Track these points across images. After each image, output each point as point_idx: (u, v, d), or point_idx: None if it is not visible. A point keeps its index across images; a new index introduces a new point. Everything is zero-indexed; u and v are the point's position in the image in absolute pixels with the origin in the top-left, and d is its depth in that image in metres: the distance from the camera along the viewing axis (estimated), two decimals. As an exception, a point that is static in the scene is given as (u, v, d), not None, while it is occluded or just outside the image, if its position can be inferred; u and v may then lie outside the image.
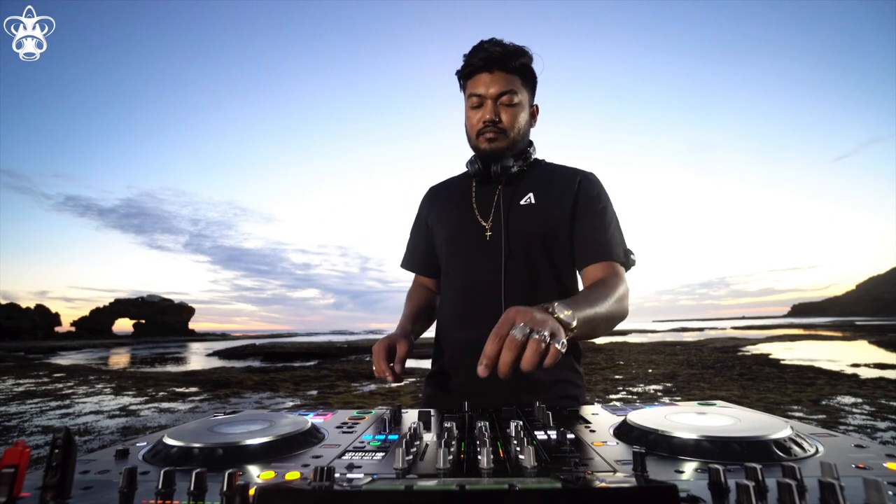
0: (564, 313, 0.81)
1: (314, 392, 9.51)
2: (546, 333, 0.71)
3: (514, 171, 1.20)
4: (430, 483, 0.41)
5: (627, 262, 1.18)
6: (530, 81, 1.22)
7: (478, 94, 1.17)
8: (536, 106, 1.27)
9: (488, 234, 1.20)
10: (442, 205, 1.35)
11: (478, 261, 1.20)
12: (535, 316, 0.74)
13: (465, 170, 1.32)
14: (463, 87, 1.24)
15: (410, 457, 0.59)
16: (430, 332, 1.38)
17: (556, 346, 0.71)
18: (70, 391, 10.30)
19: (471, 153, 1.28)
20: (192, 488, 0.44)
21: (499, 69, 1.15)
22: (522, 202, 1.21)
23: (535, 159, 1.29)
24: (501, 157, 1.19)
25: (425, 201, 1.42)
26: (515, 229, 1.19)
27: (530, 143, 1.27)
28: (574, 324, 0.81)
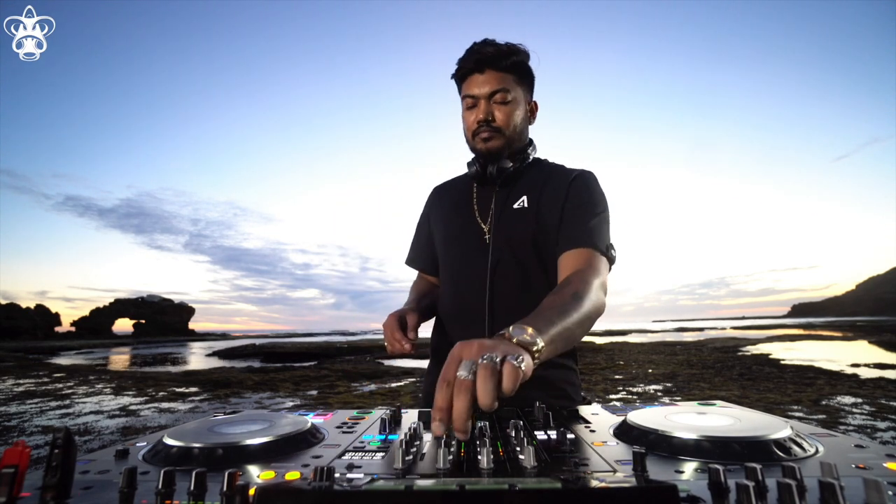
0: (524, 335, 0.69)
1: (314, 392, 9.51)
2: (495, 355, 0.59)
3: (510, 171, 1.20)
4: (430, 483, 0.41)
5: (608, 255, 1.10)
6: (526, 79, 1.21)
7: (471, 95, 1.17)
8: (535, 103, 1.25)
9: (487, 237, 1.20)
10: (444, 206, 1.35)
11: (473, 263, 1.20)
12: (484, 344, 0.63)
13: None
14: (459, 90, 1.24)
15: (410, 457, 0.59)
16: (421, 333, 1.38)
17: (512, 363, 0.59)
18: (70, 391, 10.30)
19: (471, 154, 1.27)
20: (192, 488, 0.44)
21: (490, 69, 1.15)
22: (515, 206, 1.21)
23: (536, 159, 1.28)
24: (499, 156, 1.19)
25: (429, 201, 1.43)
26: (506, 233, 1.19)
27: (530, 143, 1.26)
28: (539, 342, 0.70)
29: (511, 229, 1.18)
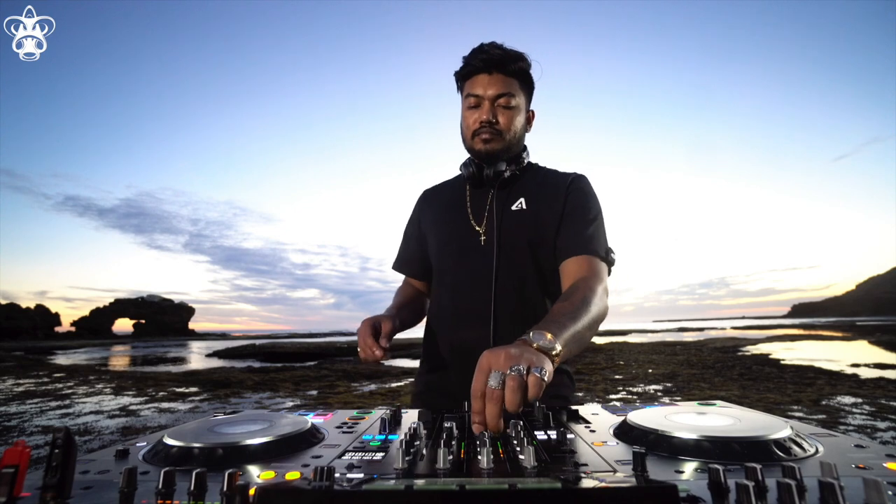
0: (544, 340, 0.76)
1: (314, 392, 9.51)
2: (521, 367, 0.67)
3: (506, 175, 1.20)
4: (430, 483, 0.41)
5: (608, 260, 1.15)
6: (528, 86, 1.23)
7: (475, 95, 1.17)
8: (532, 111, 1.27)
9: (482, 238, 1.20)
10: (436, 209, 1.34)
11: (470, 265, 1.20)
12: (510, 353, 0.70)
13: (459, 173, 1.32)
14: (461, 88, 1.24)
15: (410, 457, 0.59)
16: (416, 333, 1.38)
17: (536, 374, 0.67)
18: (70, 391, 10.29)
19: (465, 156, 1.28)
20: (192, 488, 0.44)
21: (497, 71, 1.16)
22: (514, 207, 1.22)
23: (529, 163, 1.29)
24: (496, 159, 1.20)
25: (419, 204, 1.42)
26: (506, 234, 1.19)
27: (524, 148, 1.28)
28: (557, 347, 0.77)
29: (509, 230, 1.19)
